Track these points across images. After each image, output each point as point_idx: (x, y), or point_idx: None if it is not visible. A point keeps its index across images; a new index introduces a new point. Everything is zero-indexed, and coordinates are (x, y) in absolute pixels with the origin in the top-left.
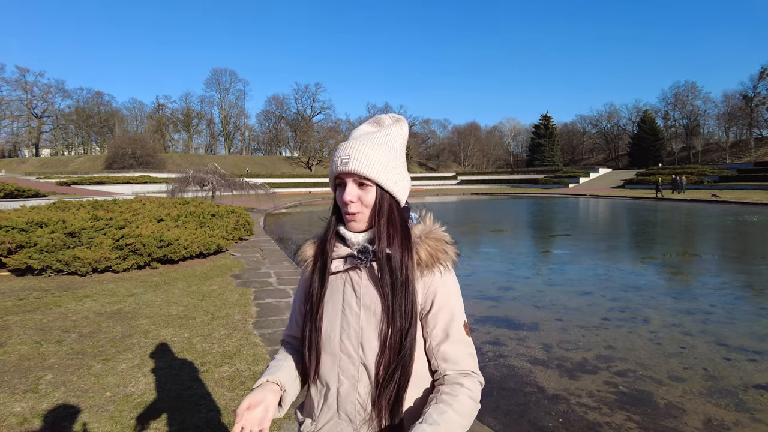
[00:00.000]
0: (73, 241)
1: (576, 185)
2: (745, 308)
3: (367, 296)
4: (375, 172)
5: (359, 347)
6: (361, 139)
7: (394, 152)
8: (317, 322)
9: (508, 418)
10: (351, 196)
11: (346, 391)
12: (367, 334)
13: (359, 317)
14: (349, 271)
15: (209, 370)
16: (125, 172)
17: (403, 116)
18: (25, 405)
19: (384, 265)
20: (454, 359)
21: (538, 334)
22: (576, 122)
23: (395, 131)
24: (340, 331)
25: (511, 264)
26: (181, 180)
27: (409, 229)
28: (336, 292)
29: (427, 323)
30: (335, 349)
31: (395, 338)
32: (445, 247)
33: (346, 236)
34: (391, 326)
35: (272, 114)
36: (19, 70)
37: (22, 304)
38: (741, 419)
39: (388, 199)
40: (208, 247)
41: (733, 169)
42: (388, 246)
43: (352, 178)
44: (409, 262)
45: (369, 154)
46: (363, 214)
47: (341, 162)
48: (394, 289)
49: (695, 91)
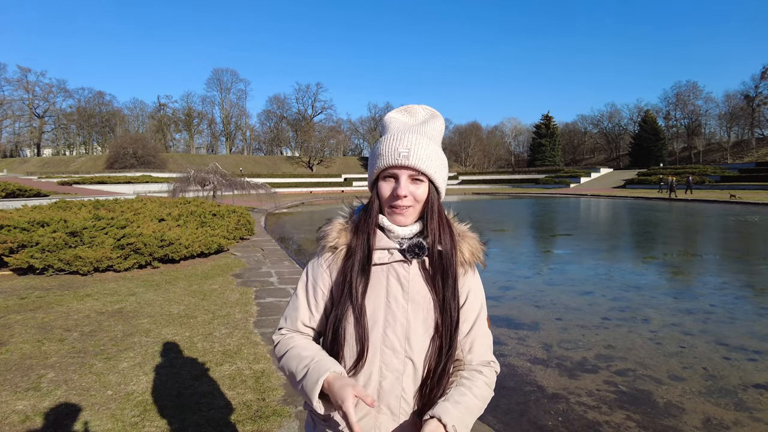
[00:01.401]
0: (74, 240)
1: (577, 185)
2: (745, 308)
3: (415, 290)
4: (432, 168)
5: (405, 341)
6: (415, 133)
7: (440, 148)
8: (360, 315)
9: (508, 417)
10: (406, 191)
11: (390, 384)
12: (414, 329)
13: (406, 311)
14: (393, 264)
15: (210, 368)
16: (126, 171)
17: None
18: (26, 403)
19: (436, 260)
20: (477, 351)
21: (539, 333)
22: (577, 122)
23: (439, 126)
24: (384, 324)
25: (511, 263)
26: (183, 180)
27: (452, 226)
28: (378, 285)
29: (460, 316)
30: (377, 342)
31: (446, 330)
32: (481, 246)
33: (392, 229)
34: (442, 321)
35: (273, 114)
36: (20, 69)
37: (24, 303)
38: (740, 418)
39: (435, 195)
40: (209, 246)
41: (735, 169)
42: (439, 242)
43: (408, 172)
44: (456, 258)
45: (427, 149)
46: (414, 208)
47: (399, 154)
48: (446, 285)
49: (697, 90)
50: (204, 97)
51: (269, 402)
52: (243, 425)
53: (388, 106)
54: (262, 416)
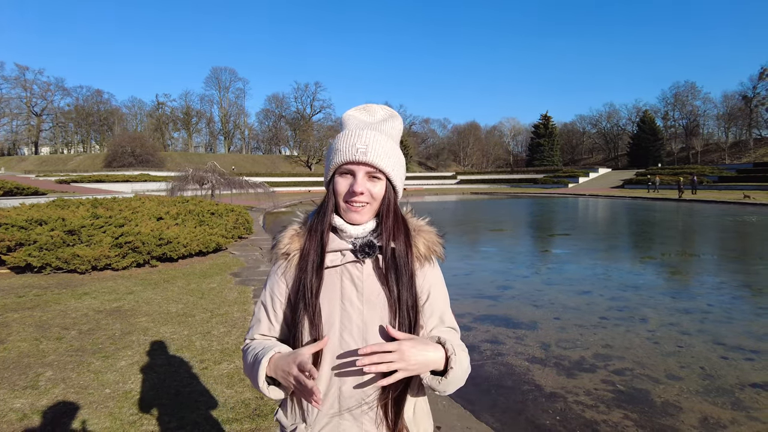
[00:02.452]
0: (72, 239)
1: (575, 185)
2: (742, 308)
3: (370, 290)
4: (390, 166)
5: (363, 343)
6: (373, 130)
7: (398, 147)
8: (315, 318)
9: (506, 416)
10: (362, 188)
11: (350, 389)
12: (371, 330)
13: (362, 312)
14: (346, 265)
15: (208, 367)
16: (125, 170)
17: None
18: (24, 401)
19: (389, 259)
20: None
21: (537, 332)
22: (576, 122)
23: (398, 125)
24: (340, 327)
25: (510, 263)
26: (181, 178)
27: (408, 224)
28: (332, 288)
29: (424, 311)
30: (334, 346)
31: (404, 330)
32: (438, 239)
33: (344, 228)
34: (398, 321)
35: (272, 113)
36: (18, 67)
37: (22, 301)
38: (737, 417)
39: (391, 192)
40: (207, 245)
41: (733, 170)
42: (393, 240)
43: (365, 169)
44: (412, 256)
45: (385, 146)
46: (370, 206)
47: (357, 150)
48: (401, 284)
49: (695, 91)
50: (202, 95)
51: (267, 401)
52: (241, 423)
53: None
54: (261, 414)
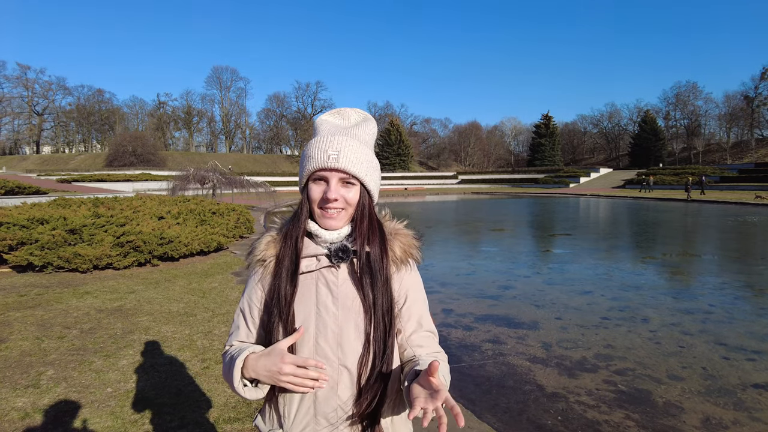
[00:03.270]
0: (74, 238)
1: (576, 185)
2: (744, 308)
3: (345, 295)
4: (363, 171)
5: (338, 348)
6: (345, 135)
7: (372, 151)
8: (289, 325)
9: (507, 416)
10: (336, 194)
11: (325, 394)
12: (346, 335)
13: (337, 317)
14: (321, 270)
15: (210, 366)
16: (126, 169)
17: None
18: (26, 400)
19: (364, 263)
20: (427, 344)
21: (538, 332)
22: (577, 122)
23: (371, 130)
24: (316, 333)
25: (511, 263)
26: (182, 178)
27: (383, 228)
28: (307, 293)
29: (401, 316)
30: (311, 352)
31: (378, 336)
32: (414, 242)
33: (319, 234)
34: (373, 325)
35: (273, 112)
36: (20, 67)
37: (24, 300)
38: (739, 418)
39: (367, 198)
40: (208, 244)
41: (734, 170)
42: (368, 244)
43: (338, 175)
44: (387, 260)
45: (357, 151)
46: (345, 212)
47: (329, 157)
48: (375, 288)
49: (696, 91)
50: (204, 95)
51: None
52: (243, 423)
53: (388, 105)
54: None
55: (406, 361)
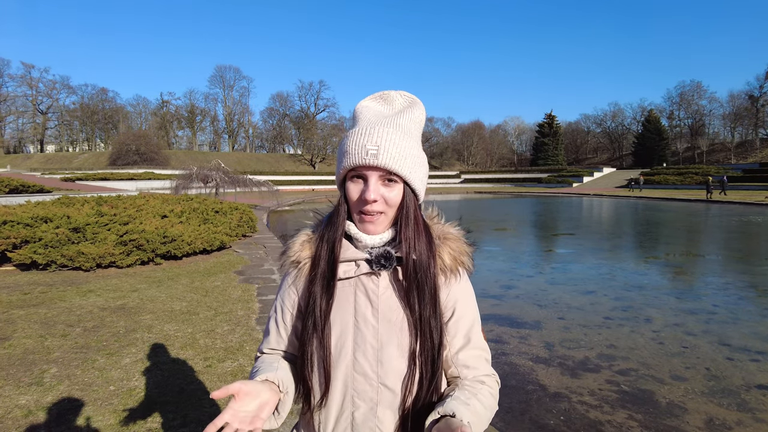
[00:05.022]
0: (77, 236)
1: (580, 185)
2: (748, 308)
3: (387, 307)
4: (407, 168)
5: (377, 365)
6: (387, 125)
7: (418, 143)
8: (324, 337)
9: (510, 416)
10: (375, 195)
11: (363, 416)
12: (387, 351)
13: (377, 331)
14: (360, 277)
15: (212, 365)
16: (129, 168)
17: (415, 96)
18: (30, 398)
19: (411, 272)
20: (474, 365)
21: (541, 332)
22: (580, 121)
23: (418, 116)
24: (354, 347)
25: (514, 262)
26: (185, 177)
27: (431, 232)
28: (345, 302)
29: (448, 330)
30: (348, 368)
31: (427, 355)
32: (466, 248)
33: (359, 238)
34: (420, 342)
35: (276, 111)
36: (24, 66)
37: (27, 298)
38: (743, 419)
39: (411, 197)
40: (211, 243)
41: (739, 170)
42: (413, 251)
43: (378, 173)
44: (434, 267)
45: (400, 145)
46: (386, 215)
47: (367, 153)
48: (423, 301)
49: (701, 90)
50: (207, 94)
51: None
52: None
53: None
54: None
55: (449, 379)
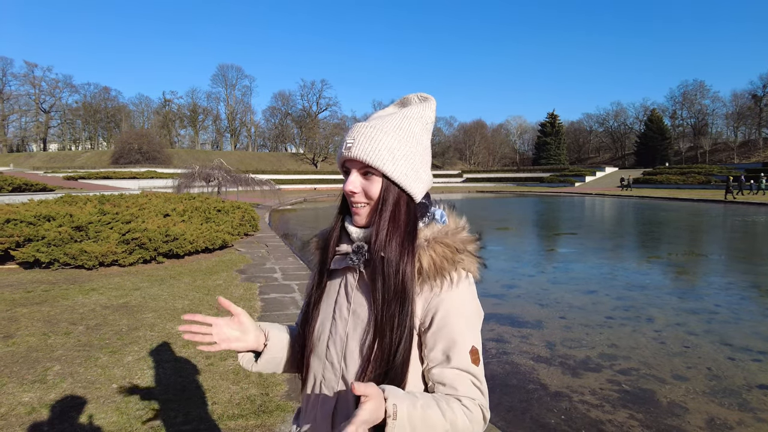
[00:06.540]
0: (80, 234)
1: (582, 184)
2: (750, 308)
3: (358, 302)
4: (380, 160)
5: (342, 358)
6: (374, 121)
7: (411, 138)
8: (311, 323)
9: (511, 415)
10: (353, 186)
11: (325, 400)
12: (351, 345)
13: (347, 324)
14: (346, 271)
15: (214, 363)
16: (132, 167)
17: (431, 96)
18: (33, 395)
19: (377, 268)
20: (452, 384)
21: (542, 331)
22: (582, 121)
23: (415, 112)
24: (328, 336)
25: (515, 262)
26: (187, 175)
27: (415, 230)
28: (332, 293)
29: (426, 343)
30: (322, 355)
31: (381, 354)
32: (455, 255)
33: (348, 230)
34: (377, 340)
35: (278, 110)
36: (27, 65)
37: (30, 296)
38: (744, 419)
39: (395, 192)
40: (213, 242)
41: (742, 169)
42: (384, 247)
43: (356, 166)
44: (408, 268)
45: (375, 138)
46: (369, 206)
47: (345, 146)
48: (385, 299)
49: (704, 90)
50: (209, 93)
51: (272, 397)
52: (246, 419)
53: None
54: (266, 411)
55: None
